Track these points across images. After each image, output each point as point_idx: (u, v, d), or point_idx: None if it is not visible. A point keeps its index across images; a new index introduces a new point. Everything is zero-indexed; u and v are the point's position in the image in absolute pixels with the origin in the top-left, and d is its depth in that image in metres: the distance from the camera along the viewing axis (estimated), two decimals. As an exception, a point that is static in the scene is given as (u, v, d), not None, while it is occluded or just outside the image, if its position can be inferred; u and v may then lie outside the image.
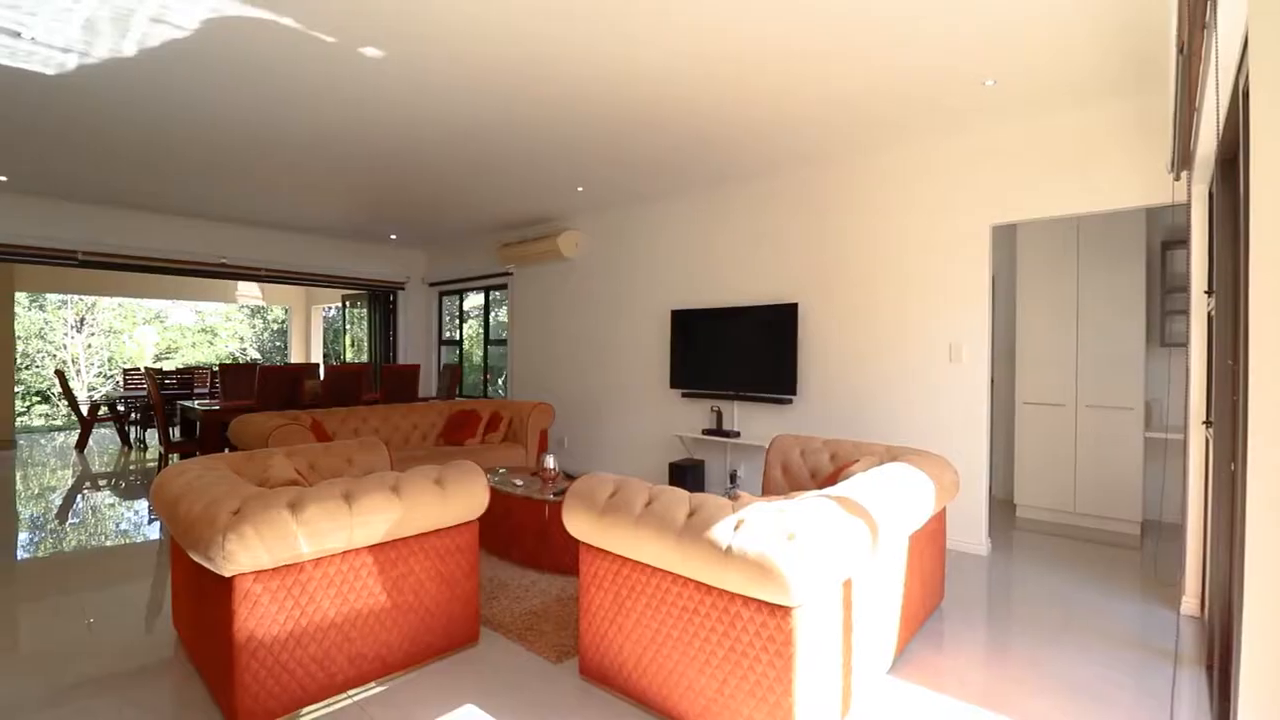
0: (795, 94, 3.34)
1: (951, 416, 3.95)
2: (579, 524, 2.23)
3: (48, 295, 13.33)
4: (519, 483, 3.77)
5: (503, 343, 7.71)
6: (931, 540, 2.78)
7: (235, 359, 15.94)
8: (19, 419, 9.57)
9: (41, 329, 14.07)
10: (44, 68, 3.12)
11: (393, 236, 7.76)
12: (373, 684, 2.28)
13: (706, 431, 4.99)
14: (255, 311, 16.41)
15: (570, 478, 3.91)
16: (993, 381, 4.18)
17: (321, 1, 2.52)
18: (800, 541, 1.71)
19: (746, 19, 2.59)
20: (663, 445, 5.56)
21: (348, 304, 10.55)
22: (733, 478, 4.94)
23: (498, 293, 7.91)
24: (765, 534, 1.74)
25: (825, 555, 1.74)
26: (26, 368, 13.24)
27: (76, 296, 13.64)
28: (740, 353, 4.87)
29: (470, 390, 8.45)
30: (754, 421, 4.91)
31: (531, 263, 6.85)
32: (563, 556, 3.34)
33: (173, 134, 4.05)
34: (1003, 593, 3.30)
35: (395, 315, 8.71)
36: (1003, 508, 4.89)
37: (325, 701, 2.15)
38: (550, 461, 3.75)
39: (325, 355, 12.62)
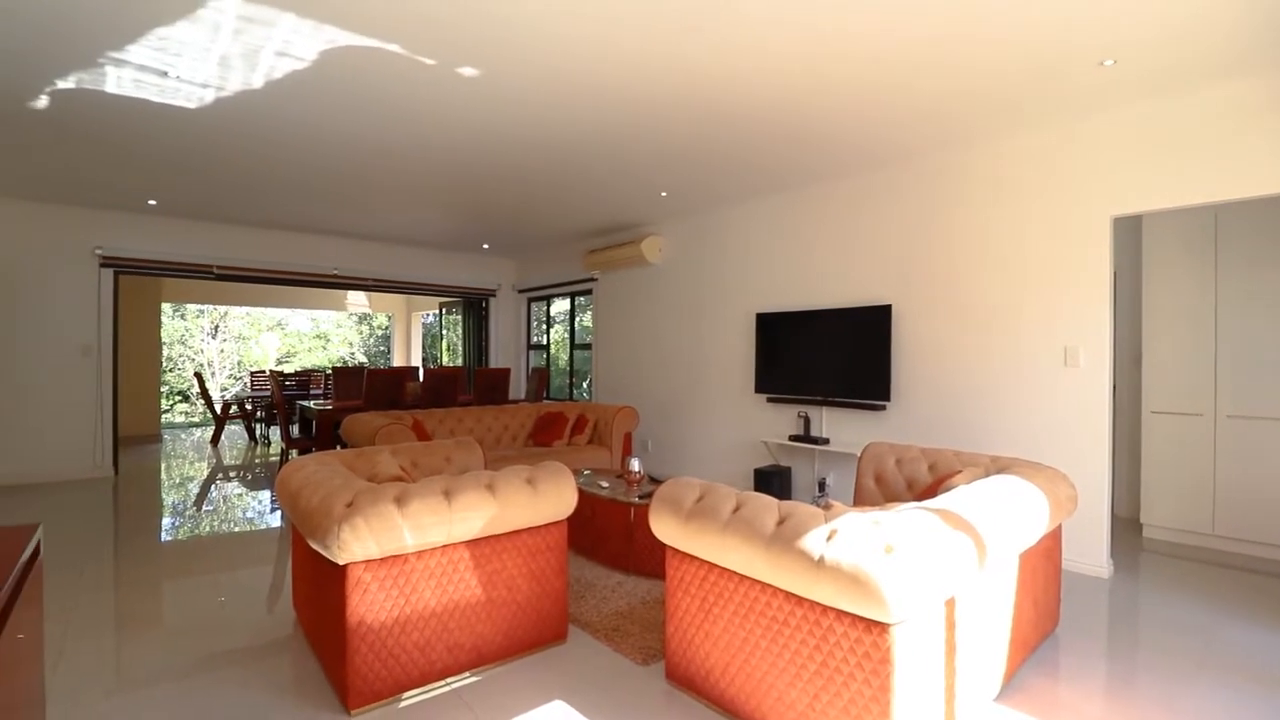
0: (896, 86, 3.21)
1: (1067, 426, 3.65)
2: (665, 528, 2.24)
3: (187, 305, 14.93)
4: (605, 484, 3.82)
5: (587, 347, 7.87)
6: (1045, 560, 2.57)
7: (345, 363, 17.19)
8: (163, 416, 10.73)
9: (182, 335, 15.77)
10: (186, 102, 3.50)
11: (485, 246, 8.11)
12: (467, 674, 2.37)
13: (793, 438, 4.87)
14: (362, 318, 17.63)
15: (655, 481, 3.92)
16: (1114, 388, 3.83)
17: (424, 27, 2.68)
18: (899, 555, 1.63)
19: (838, 14, 2.52)
20: (747, 451, 5.48)
21: (444, 311, 11.14)
22: (821, 486, 4.79)
23: (582, 298, 8.09)
24: (860, 546, 1.67)
25: (926, 571, 1.65)
26: (170, 370, 14.87)
27: (211, 306, 15.18)
28: (829, 357, 4.72)
29: (556, 393, 8.67)
30: (844, 428, 4.74)
31: (615, 268, 6.96)
32: (648, 559, 3.36)
33: (292, 157, 4.43)
34: (1127, 620, 3.00)
35: (487, 321, 9.10)
36: (1126, 527, 4.46)
37: (426, 687, 2.27)
38: (635, 464, 3.78)
39: (424, 359, 13.37)
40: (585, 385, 8.34)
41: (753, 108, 3.48)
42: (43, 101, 3.47)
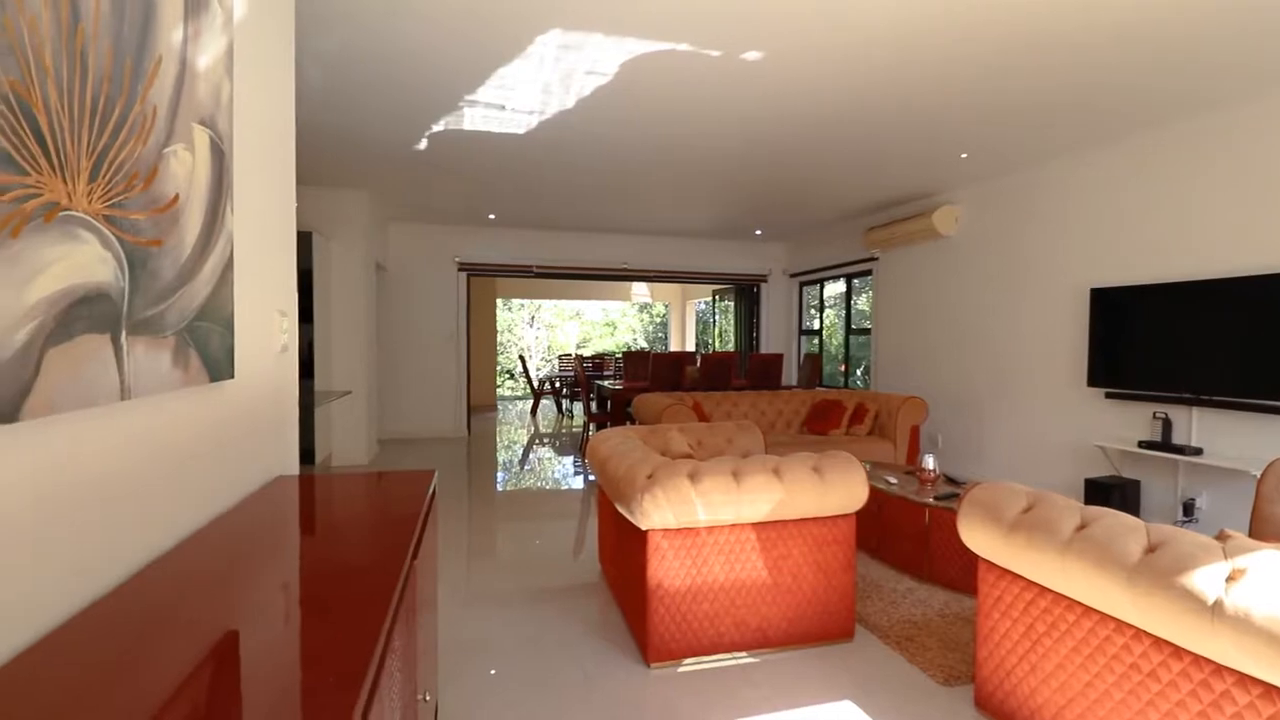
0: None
1: None
2: (979, 538, 1.96)
3: (513, 300, 18.06)
4: (892, 480, 3.54)
5: (865, 332, 7.38)
6: None
7: (629, 348, 19.01)
8: (498, 390, 13.17)
9: (509, 325, 19.17)
10: (516, 129, 4.15)
11: (757, 232, 8.14)
12: (745, 653, 2.40)
13: (1145, 444, 3.88)
14: (643, 308, 19.27)
15: (951, 481, 3.50)
16: None
17: (709, 22, 2.73)
18: (1363, 618, 1.16)
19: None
20: (1073, 456, 4.55)
21: (716, 298, 11.54)
22: (1188, 509, 3.74)
23: (858, 280, 7.60)
24: (1290, 596, 1.23)
25: None
26: (501, 354, 18.20)
27: (530, 300, 18.14)
28: (1206, 342, 3.63)
29: (829, 380, 8.33)
30: (1226, 435, 3.62)
31: (900, 245, 6.37)
32: (946, 568, 3.01)
33: (593, 166, 4.98)
34: None
35: (758, 306, 9.14)
36: None
37: (713, 656, 2.37)
38: (930, 461, 3.41)
39: (697, 345, 14.06)
40: (859, 373, 7.85)
41: (1090, 29, 2.80)
42: (423, 144, 4.47)
